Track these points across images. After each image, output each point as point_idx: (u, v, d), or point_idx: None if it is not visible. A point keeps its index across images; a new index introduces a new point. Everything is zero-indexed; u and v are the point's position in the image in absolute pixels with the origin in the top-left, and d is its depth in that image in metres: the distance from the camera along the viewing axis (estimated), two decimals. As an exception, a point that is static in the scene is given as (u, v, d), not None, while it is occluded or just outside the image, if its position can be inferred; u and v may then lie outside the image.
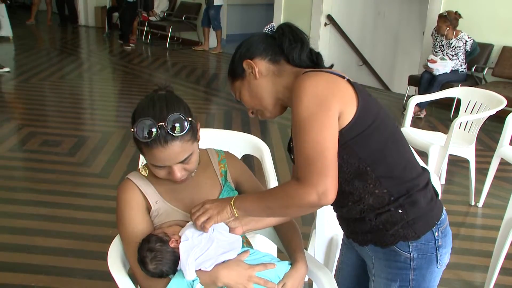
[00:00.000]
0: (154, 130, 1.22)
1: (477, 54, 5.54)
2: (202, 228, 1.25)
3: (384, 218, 1.26)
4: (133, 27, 9.60)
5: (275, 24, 1.37)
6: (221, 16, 9.12)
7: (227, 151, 1.56)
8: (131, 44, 9.22)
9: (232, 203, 1.23)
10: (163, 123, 1.23)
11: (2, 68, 6.73)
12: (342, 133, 1.18)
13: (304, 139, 1.14)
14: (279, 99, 1.32)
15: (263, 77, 1.31)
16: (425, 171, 1.34)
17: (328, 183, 1.11)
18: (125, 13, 8.99)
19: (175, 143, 1.24)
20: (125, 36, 9.21)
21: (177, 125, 1.24)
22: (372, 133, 1.21)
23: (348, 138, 1.19)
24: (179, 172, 1.29)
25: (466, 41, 5.41)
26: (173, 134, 1.23)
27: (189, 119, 1.27)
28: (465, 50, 5.46)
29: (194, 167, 1.34)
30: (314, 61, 1.33)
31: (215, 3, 8.62)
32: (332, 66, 1.34)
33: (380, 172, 1.23)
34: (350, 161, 1.22)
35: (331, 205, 1.35)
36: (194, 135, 1.30)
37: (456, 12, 5.45)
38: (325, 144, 1.13)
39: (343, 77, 1.22)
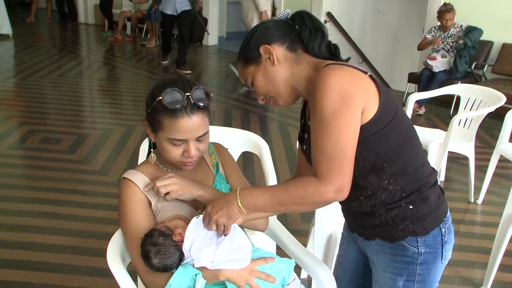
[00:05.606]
0: (181, 99, 1.25)
1: (481, 35, 5.49)
2: (224, 233, 1.28)
3: (394, 213, 1.26)
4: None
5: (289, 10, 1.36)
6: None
7: (216, 143, 1.57)
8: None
9: (239, 204, 1.23)
10: (189, 94, 1.26)
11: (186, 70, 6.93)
12: (363, 128, 1.18)
13: (326, 135, 1.14)
14: (295, 88, 1.31)
15: (281, 64, 1.29)
16: (434, 169, 1.35)
17: (345, 180, 1.14)
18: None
19: (199, 115, 1.27)
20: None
21: (202, 97, 1.28)
22: (391, 130, 1.21)
23: (368, 134, 1.19)
24: (193, 150, 1.30)
25: (462, 25, 5.46)
26: (199, 105, 1.26)
27: (211, 94, 1.30)
28: (464, 32, 5.48)
29: (205, 149, 1.36)
30: (333, 53, 1.32)
31: None
32: (349, 59, 1.32)
33: (395, 168, 1.24)
34: (367, 156, 1.22)
35: None
36: (209, 114, 1.33)
37: (446, 3, 5.58)
38: (346, 142, 1.14)
39: (365, 73, 1.22)
